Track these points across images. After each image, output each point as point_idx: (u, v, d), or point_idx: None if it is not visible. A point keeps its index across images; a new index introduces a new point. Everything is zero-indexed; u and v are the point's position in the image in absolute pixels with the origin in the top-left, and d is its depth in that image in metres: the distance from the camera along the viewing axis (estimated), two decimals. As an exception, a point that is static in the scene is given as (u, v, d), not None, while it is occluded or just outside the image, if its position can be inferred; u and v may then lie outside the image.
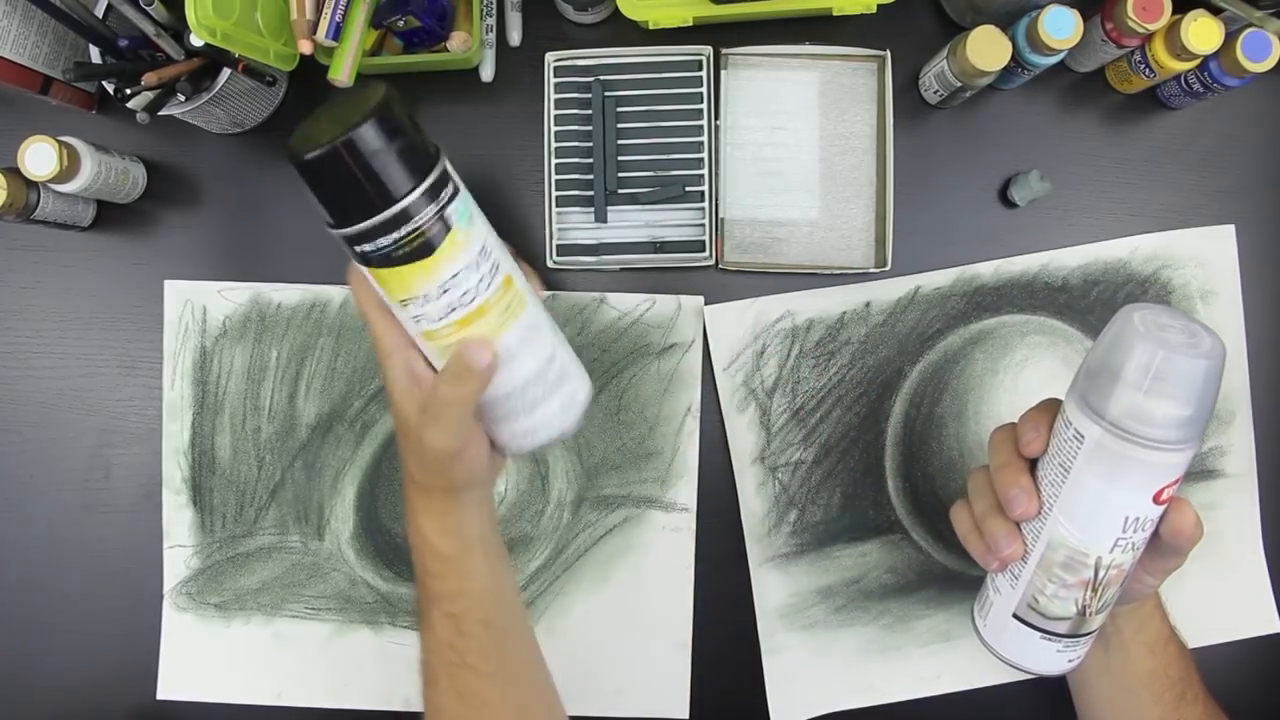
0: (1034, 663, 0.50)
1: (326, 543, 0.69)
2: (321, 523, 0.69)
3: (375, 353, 0.47)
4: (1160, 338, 0.43)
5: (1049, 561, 0.47)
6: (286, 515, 0.69)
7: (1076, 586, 0.47)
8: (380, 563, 0.68)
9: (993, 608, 0.51)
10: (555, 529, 0.68)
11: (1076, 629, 0.49)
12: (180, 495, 0.69)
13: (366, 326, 0.47)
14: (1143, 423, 0.43)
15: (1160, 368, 0.42)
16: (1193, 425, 0.43)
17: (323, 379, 0.69)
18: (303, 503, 0.69)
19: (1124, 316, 0.45)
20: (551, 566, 0.68)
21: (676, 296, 0.68)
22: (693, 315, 0.68)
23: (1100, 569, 0.46)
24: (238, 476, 0.69)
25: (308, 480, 0.69)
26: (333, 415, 0.69)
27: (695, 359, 0.68)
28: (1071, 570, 0.47)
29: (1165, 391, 0.43)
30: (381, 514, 0.69)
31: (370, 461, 0.69)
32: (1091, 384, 0.45)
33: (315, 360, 0.69)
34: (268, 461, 0.69)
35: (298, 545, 0.69)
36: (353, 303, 0.54)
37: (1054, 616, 0.48)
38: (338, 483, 0.69)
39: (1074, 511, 0.46)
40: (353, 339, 0.69)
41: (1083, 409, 0.45)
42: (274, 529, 0.69)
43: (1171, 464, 0.44)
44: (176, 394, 0.69)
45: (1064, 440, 0.46)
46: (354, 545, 0.69)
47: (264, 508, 0.69)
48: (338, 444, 0.69)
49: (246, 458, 0.69)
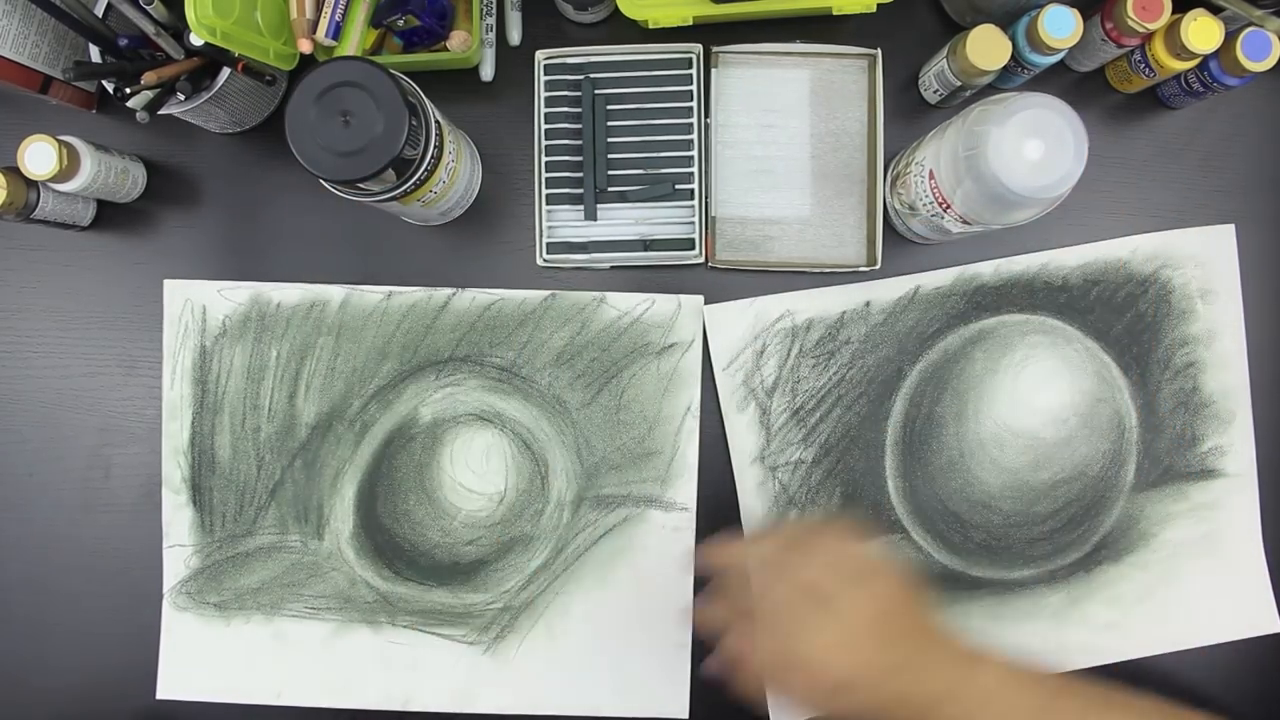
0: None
1: (326, 542, 0.69)
2: (321, 522, 0.69)
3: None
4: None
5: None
6: (286, 515, 0.69)
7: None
8: (380, 562, 0.68)
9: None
10: (555, 528, 0.68)
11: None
12: (180, 495, 0.69)
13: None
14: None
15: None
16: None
17: (322, 378, 0.69)
18: (302, 502, 0.69)
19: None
20: (551, 566, 0.68)
21: (676, 296, 0.68)
22: (692, 315, 0.68)
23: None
24: (237, 476, 0.69)
25: (307, 480, 0.69)
26: (332, 415, 0.69)
27: (695, 358, 0.68)
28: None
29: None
30: (381, 513, 0.69)
31: (370, 461, 0.69)
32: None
33: (315, 360, 0.69)
34: (267, 461, 0.69)
35: (297, 545, 0.69)
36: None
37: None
38: (337, 482, 0.69)
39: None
40: (352, 338, 0.69)
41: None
42: (274, 528, 0.69)
43: None
44: (176, 393, 0.69)
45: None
46: (354, 544, 0.69)
47: (263, 507, 0.69)
48: (337, 443, 0.69)
49: (246, 457, 0.69)
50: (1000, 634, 0.68)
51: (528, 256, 0.69)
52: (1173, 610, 0.69)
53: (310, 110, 0.52)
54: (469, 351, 0.68)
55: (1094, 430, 0.68)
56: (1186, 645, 0.69)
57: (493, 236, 0.70)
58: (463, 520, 0.68)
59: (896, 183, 0.64)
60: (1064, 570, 0.68)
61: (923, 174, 0.59)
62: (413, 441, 0.68)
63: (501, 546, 0.68)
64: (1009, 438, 0.68)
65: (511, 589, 0.68)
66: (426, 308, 0.68)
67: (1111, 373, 0.69)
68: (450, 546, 0.68)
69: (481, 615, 0.68)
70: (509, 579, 0.68)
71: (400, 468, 0.69)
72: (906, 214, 0.64)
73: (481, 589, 0.68)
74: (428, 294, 0.68)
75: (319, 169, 0.53)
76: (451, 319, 0.68)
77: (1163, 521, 0.69)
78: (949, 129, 0.57)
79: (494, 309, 0.68)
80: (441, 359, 0.68)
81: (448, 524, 0.68)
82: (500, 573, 0.68)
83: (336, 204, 0.63)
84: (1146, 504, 0.69)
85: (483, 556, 0.68)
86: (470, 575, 0.68)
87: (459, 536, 0.68)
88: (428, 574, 0.68)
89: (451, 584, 0.68)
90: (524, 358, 0.68)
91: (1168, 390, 0.69)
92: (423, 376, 0.68)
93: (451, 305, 0.68)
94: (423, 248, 0.70)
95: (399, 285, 0.68)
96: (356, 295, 0.68)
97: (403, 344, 0.68)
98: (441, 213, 0.66)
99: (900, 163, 0.64)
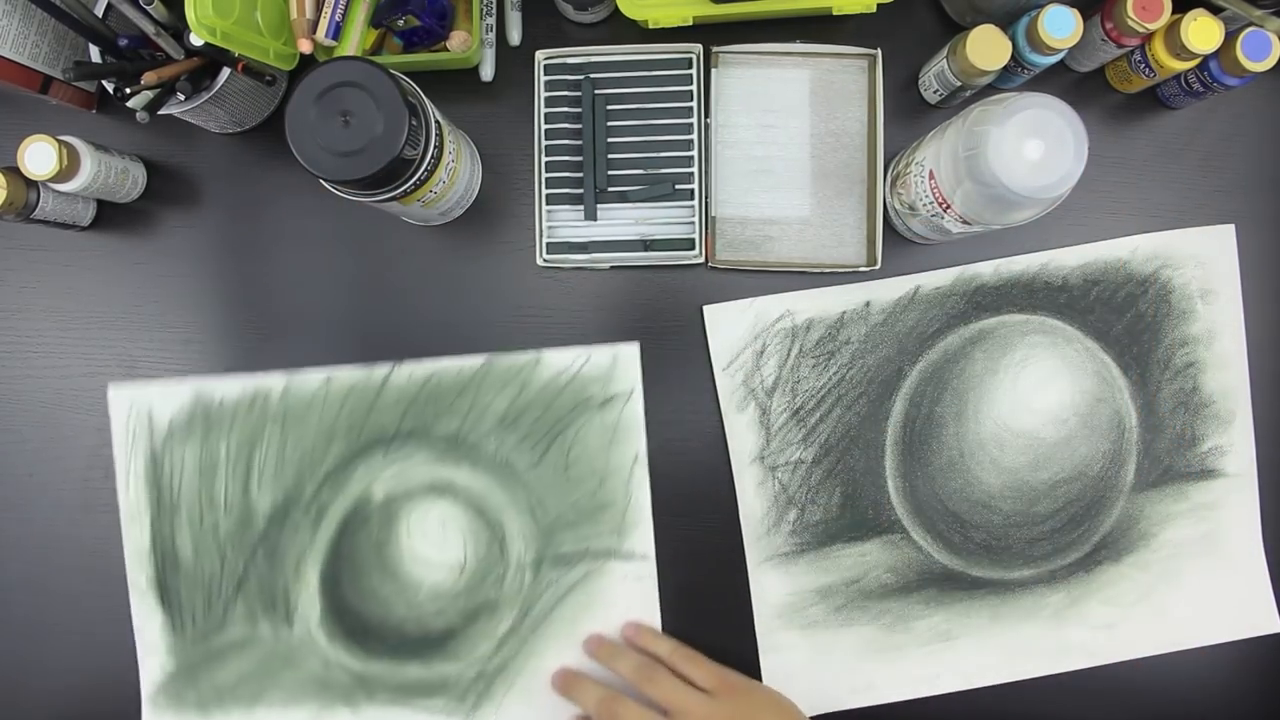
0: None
1: (296, 629, 0.68)
2: (289, 610, 0.68)
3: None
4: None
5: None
6: (254, 606, 0.68)
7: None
8: (351, 642, 0.68)
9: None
10: (519, 591, 0.68)
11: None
12: (148, 597, 0.68)
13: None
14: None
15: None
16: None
17: (273, 467, 0.68)
18: (268, 592, 0.68)
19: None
20: (520, 629, 0.68)
21: (613, 347, 0.68)
22: (629, 363, 0.68)
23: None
24: (202, 573, 0.68)
25: (271, 570, 0.68)
26: (287, 502, 0.68)
27: (637, 407, 0.67)
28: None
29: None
30: (347, 595, 0.68)
31: (329, 545, 0.68)
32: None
33: (264, 450, 0.68)
34: (229, 555, 0.69)
35: (268, 635, 0.68)
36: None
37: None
38: (300, 569, 0.68)
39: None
40: (297, 425, 0.68)
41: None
42: (243, 621, 0.68)
43: None
44: (133, 498, 0.68)
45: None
46: (324, 629, 0.68)
47: (231, 601, 0.68)
48: (295, 531, 0.68)
49: (208, 554, 0.69)
50: (1000, 634, 0.68)
51: (528, 256, 0.69)
52: (1173, 610, 0.69)
53: (310, 110, 0.52)
54: (414, 425, 0.68)
55: (1094, 430, 0.68)
56: (1186, 645, 0.69)
57: (493, 236, 0.70)
58: (427, 593, 0.68)
59: (896, 183, 0.64)
60: (1064, 570, 0.69)
61: (923, 174, 0.59)
62: (369, 521, 0.68)
63: (468, 615, 0.68)
64: (1009, 438, 0.68)
65: (483, 655, 0.68)
66: (366, 387, 0.68)
67: (1111, 373, 0.69)
68: (418, 619, 0.68)
69: (457, 684, 0.68)
70: (480, 646, 0.68)
71: (360, 548, 0.68)
72: (906, 214, 0.64)
73: (454, 658, 0.68)
74: (366, 373, 0.68)
75: (319, 169, 0.53)
76: (393, 395, 0.68)
77: (1163, 521, 0.69)
78: (949, 129, 0.57)
79: (433, 380, 0.68)
80: (388, 436, 0.68)
81: (412, 598, 0.68)
82: (471, 640, 0.68)
83: (336, 204, 0.64)
84: (1146, 504, 0.69)
85: (451, 626, 0.68)
86: (441, 646, 0.68)
87: (425, 609, 0.68)
88: (400, 649, 0.68)
89: (424, 656, 0.68)
90: (468, 425, 0.68)
91: (1168, 390, 0.69)
92: (371, 455, 0.68)
93: (391, 382, 0.68)
94: (423, 248, 0.70)
95: (338, 364, 0.68)
96: (297, 382, 0.68)
97: (348, 425, 0.68)
98: (441, 213, 0.66)
99: (900, 163, 0.64)
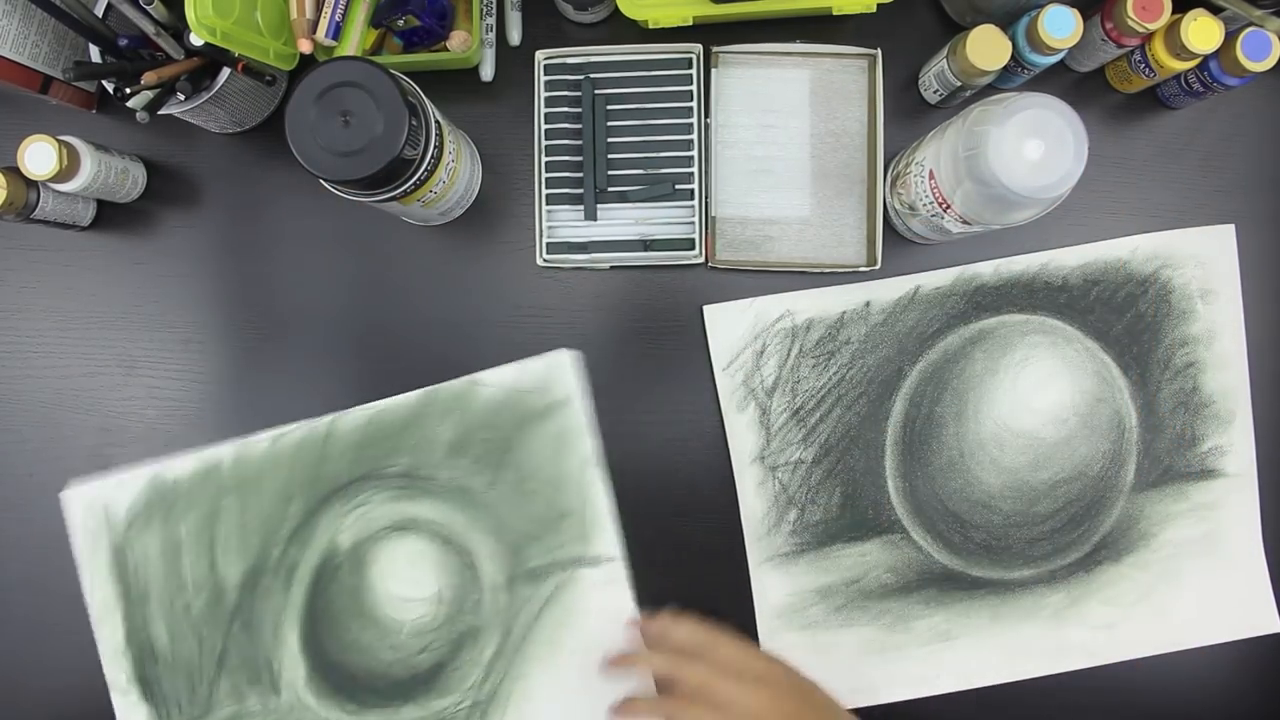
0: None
1: (284, 696, 0.68)
2: (274, 677, 0.68)
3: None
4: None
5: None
6: (239, 681, 0.68)
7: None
8: (342, 698, 0.68)
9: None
10: (498, 613, 0.68)
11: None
12: (129, 694, 0.68)
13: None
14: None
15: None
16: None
17: (237, 536, 0.68)
18: (251, 664, 0.68)
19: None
20: (504, 651, 0.67)
21: (544, 356, 0.67)
22: (562, 369, 0.67)
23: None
24: (181, 659, 0.68)
25: (250, 640, 0.68)
26: (256, 569, 0.68)
27: (578, 411, 0.67)
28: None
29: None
30: (329, 650, 0.68)
31: (304, 602, 0.68)
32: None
33: (224, 522, 0.68)
34: (206, 634, 0.68)
35: (257, 708, 0.68)
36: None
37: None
38: (279, 633, 0.68)
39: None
40: (253, 490, 0.68)
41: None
42: (230, 699, 0.68)
43: None
44: (100, 597, 0.68)
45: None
46: (311, 689, 0.68)
47: (215, 681, 0.68)
48: (268, 595, 0.68)
49: (185, 638, 0.68)
50: (1000, 634, 0.68)
51: (528, 256, 0.69)
52: (1173, 610, 0.69)
53: (310, 110, 0.52)
54: (367, 469, 0.68)
55: (1094, 430, 0.68)
56: (1186, 645, 0.69)
57: (493, 236, 0.70)
58: (409, 631, 0.68)
59: (896, 183, 0.64)
60: (1064, 570, 0.68)
61: (923, 174, 0.59)
62: (339, 570, 0.68)
63: (453, 645, 0.68)
64: (1009, 438, 0.68)
65: (474, 684, 0.67)
66: (312, 440, 0.68)
67: (1111, 373, 0.69)
68: (405, 660, 0.68)
69: (453, 719, 0.68)
70: (469, 675, 0.68)
71: (335, 599, 0.68)
72: (906, 214, 0.64)
73: (445, 692, 0.68)
74: (309, 427, 0.68)
75: (319, 169, 0.53)
76: (340, 444, 0.68)
77: (1163, 521, 0.69)
78: (949, 129, 0.57)
79: (375, 421, 0.68)
80: (343, 483, 0.68)
81: (396, 639, 0.68)
82: (459, 671, 0.68)
83: (336, 204, 0.63)
84: (1146, 504, 0.69)
85: (439, 660, 0.68)
86: (431, 682, 0.68)
87: (410, 648, 0.68)
88: (391, 694, 0.68)
89: (416, 696, 0.68)
90: (419, 459, 0.68)
91: (1168, 390, 0.69)
92: (330, 506, 0.68)
93: (335, 431, 0.68)
94: (423, 248, 0.70)
95: (282, 424, 0.68)
96: (244, 448, 0.68)
97: (302, 481, 0.68)
98: (441, 213, 0.66)
99: (900, 163, 0.64)
